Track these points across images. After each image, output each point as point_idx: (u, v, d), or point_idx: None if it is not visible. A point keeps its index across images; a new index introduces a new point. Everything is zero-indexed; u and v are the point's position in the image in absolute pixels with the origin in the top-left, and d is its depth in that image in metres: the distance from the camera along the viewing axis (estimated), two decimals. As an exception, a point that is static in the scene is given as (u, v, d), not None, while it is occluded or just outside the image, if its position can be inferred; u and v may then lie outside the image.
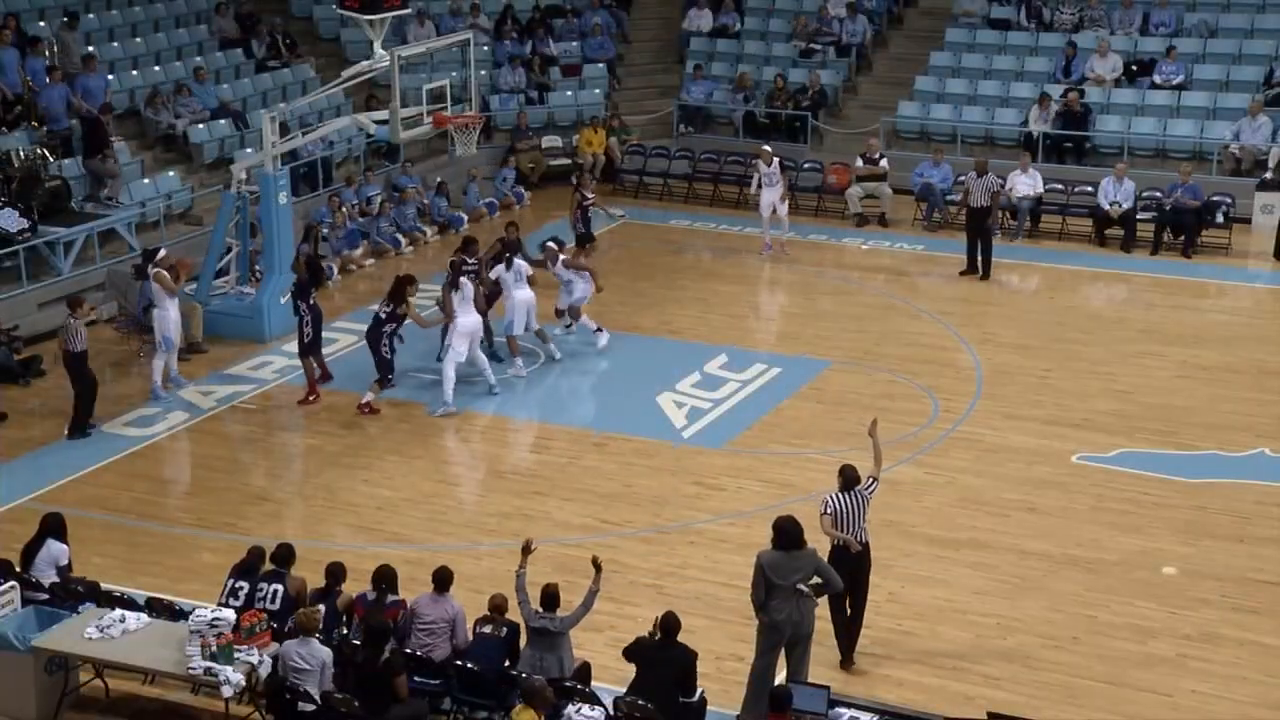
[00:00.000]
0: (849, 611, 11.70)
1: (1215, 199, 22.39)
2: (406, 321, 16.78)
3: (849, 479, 11.61)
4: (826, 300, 20.57)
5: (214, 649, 10.50)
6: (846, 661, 11.72)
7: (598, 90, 27.32)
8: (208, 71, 24.10)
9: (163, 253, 17.55)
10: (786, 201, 22.25)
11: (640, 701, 10.11)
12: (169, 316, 16.98)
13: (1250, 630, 12.29)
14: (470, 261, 17.37)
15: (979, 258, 21.11)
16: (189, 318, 17.91)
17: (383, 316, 16.64)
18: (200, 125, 22.94)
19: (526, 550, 11.16)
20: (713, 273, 21.76)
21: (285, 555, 11.45)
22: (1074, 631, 12.31)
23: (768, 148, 22.45)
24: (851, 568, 11.49)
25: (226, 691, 10.51)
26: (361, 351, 17.86)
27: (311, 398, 17.09)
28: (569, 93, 27.19)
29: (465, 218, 23.87)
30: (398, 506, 14.67)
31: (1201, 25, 25.90)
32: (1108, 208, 22.49)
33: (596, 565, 11.03)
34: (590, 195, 21.44)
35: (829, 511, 11.51)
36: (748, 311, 19.76)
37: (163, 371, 17.13)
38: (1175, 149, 24.21)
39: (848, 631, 11.72)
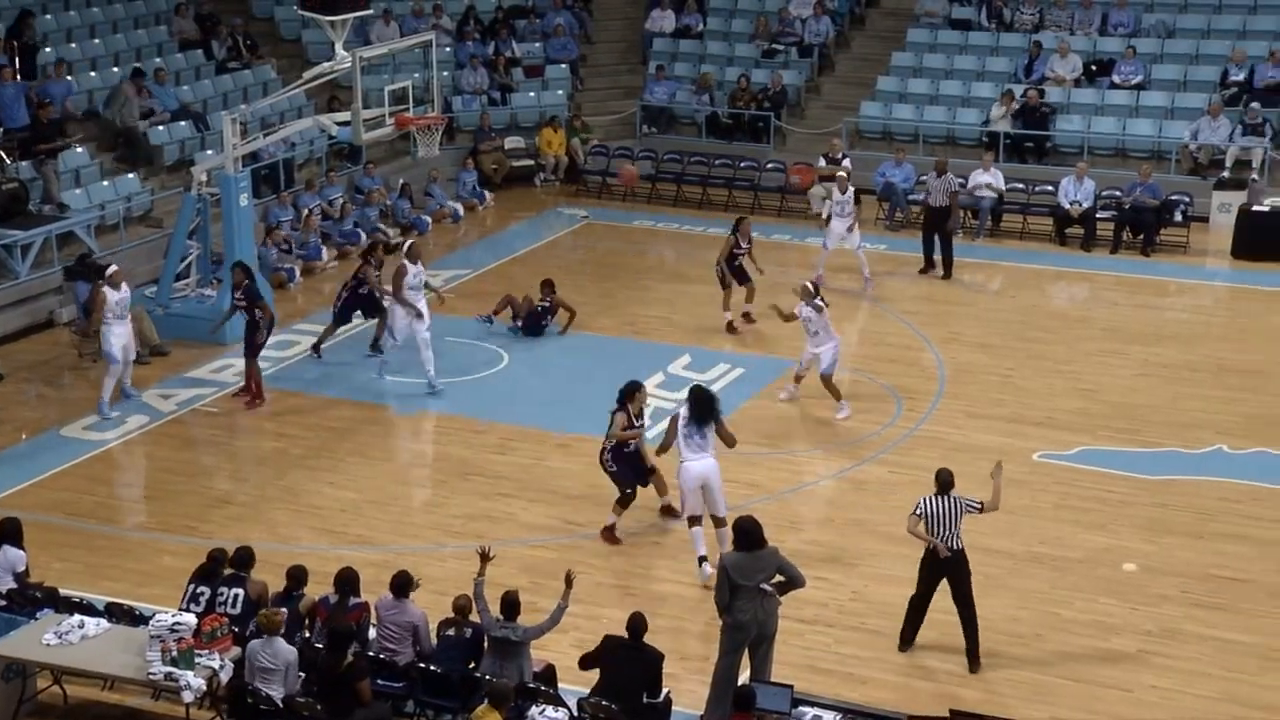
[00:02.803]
0: (961, 621, 11.66)
1: (1174, 198, 22.58)
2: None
3: (944, 483, 11.62)
4: (789, 300, 20.55)
5: (174, 654, 10.41)
6: (974, 666, 11.70)
7: (560, 91, 27.29)
8: (168, 73, 23.92)
9: (113, 269, 16.90)
10: (857, 231, 20.64)
11: (604, 702, 10.10)
12: (110, 331, 16.42)
13: (1211, 626, 12.38)
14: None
15: (940, 257, 21.21)
16: (138, 324, 17.66)
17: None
18: (160, 127, 22.77)
19: (485, 558, 11.08)
20: (677, 273, 21.77)
21: (245, 559, 11.36)
22: (1038, 629, 12.37)
23: (843, 173, 21.27)
24: (945, 573, 11.56)
25: (187, 697, 10.41)
26: (318, 359, 17.90)
27: (258, 401, 16.98)
28: (532, 94, 27.15)
29: (429, 220, 23.81)
30: (362, 509, 14.60)
31: (1159, 25, 26.12)
32: (1068, 207, 22.64)
33: (568, 581, 10.94)
34: (746, 245, 19.17)
35: (919, 512, 11.54)
36: (711, 311, 19.73)
37: (112, 390, 16.62)
38: (1134, 148, 24.40)
39: (967, 638, 11.70)
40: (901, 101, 26.00)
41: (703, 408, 12.95)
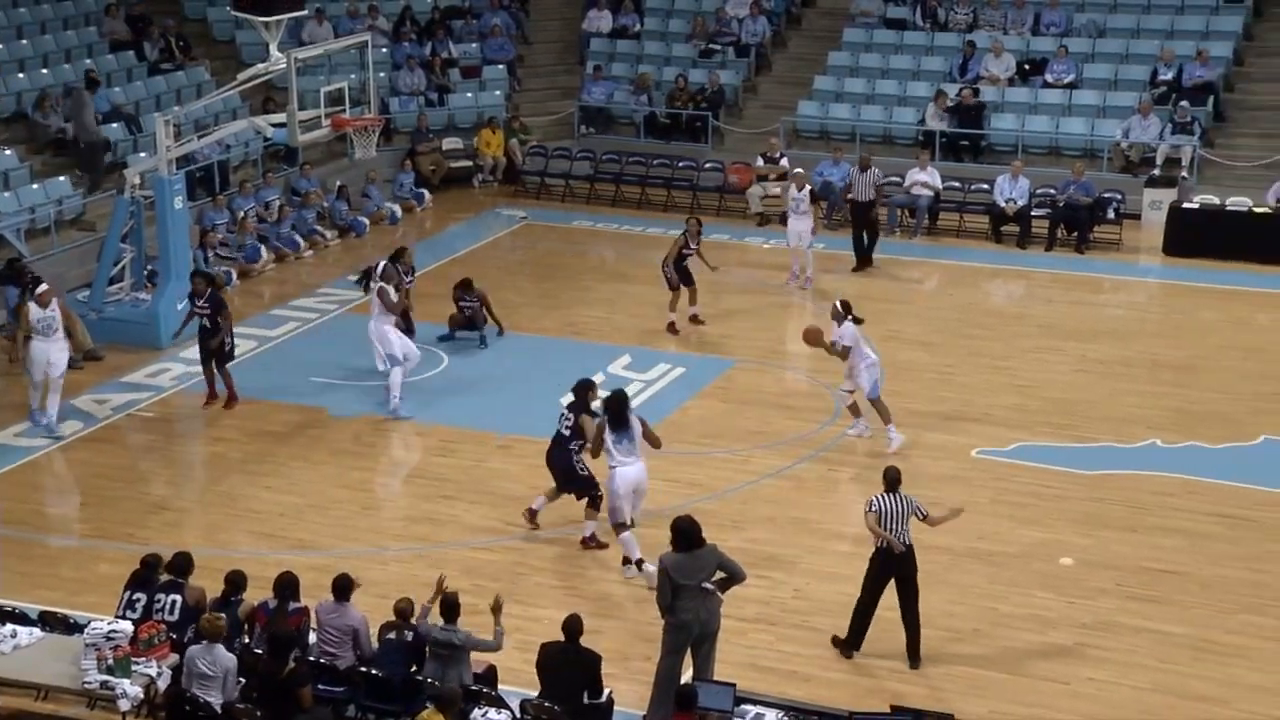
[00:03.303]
0: (902, 614, 11.76)
1: (1106, 195, 22.85)
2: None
3: (892, 480, 11.72)
4: (730, 299, 20.66)
5: (110, 662, 10.30)
6: (914, 662, 11.79)
7: (498, 92, 27.23)
8: (99, 74, 23.61)
9: (43, 287, 16.46)
10: (815, 233, 20.88)
11: (547, 704, 10.09)
12: (30, 347, 15.99)
13: (1146, 618, 12.54)
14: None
15: (866, 248, 21.64)
16: (72, 328, 17.39)
17: (566, 433, 13.66)
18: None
19: (440, 590, 10.83)
20: (617, 273, 21.78)
21: (183, 565, 11.25)
22: (976, 624, 12.48)
23: (800, 170, 21.48)
24: (896, 570, 11.65)
25: (124, 705, 10.31)
26: (257, 361, 17.71)
27: (234, 401, 16.87)
28: (469, 94, 27.07)
29: (367, 222, 23.68)
30: (302, 513, 14.50)
31: (1090, 25, 26.45)
32: (1004, 205, 22.87)
33: (496, 609, 10.69)
34: (695, 246, 19.06)
35: (874, 510, 11.62)
36: (652, 312, 19.77)
37: (39, 400, 16.19)
38: (1067, 146, 24.68)
39: (909, 635, 11.81)
40: (838, 101, 26.15)
41: (619, 412, 12.93)
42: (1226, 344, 18.78)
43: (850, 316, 15.55)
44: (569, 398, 13.96)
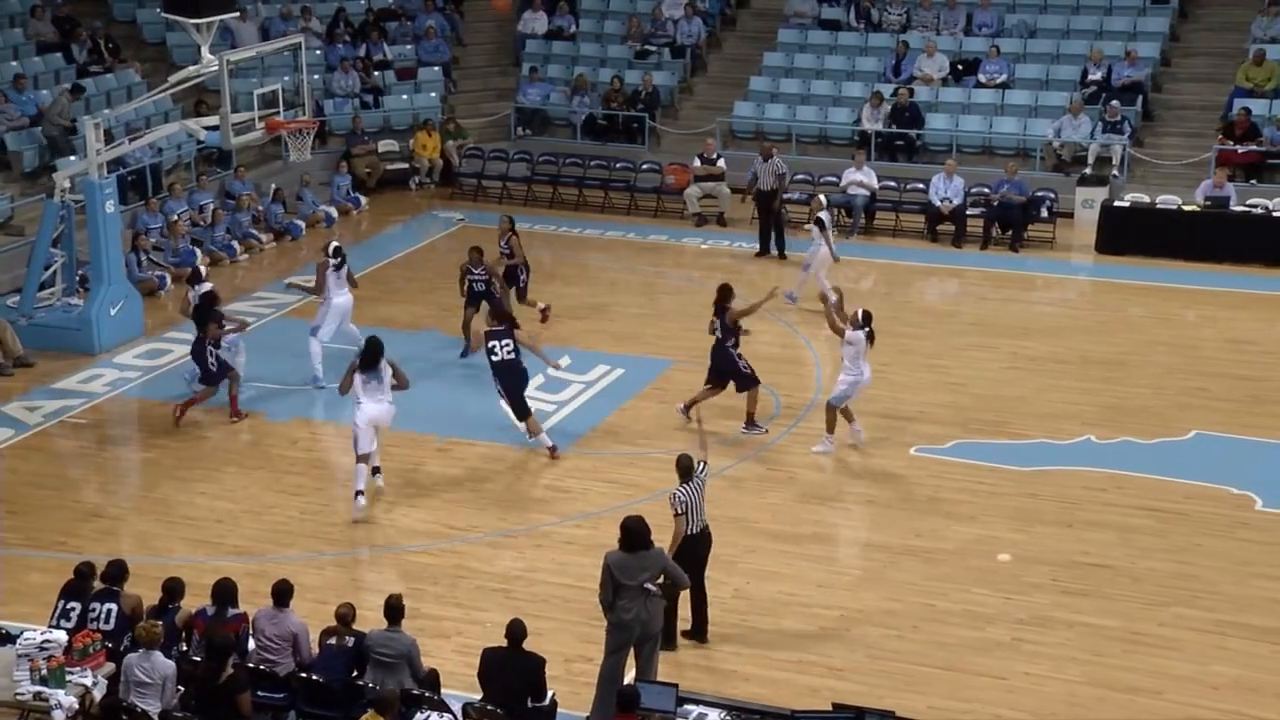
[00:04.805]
0: (698, 592, 11.98)
1: (1039, 194, 23.10)
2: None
3: (686, 469, 11.89)
4: (667, 300, 20.71)
5: (44, 672, 10.17)
6: (704, 637, 12.06)
7: (433, 94, 27.13)
8: (27, 78, 23.25)
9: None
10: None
11: (490, 707, 10.07)
12: None
13: (1079, 612, 12.70)
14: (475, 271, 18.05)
15: (773, 239, 21.98)
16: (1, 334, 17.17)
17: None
18: (18, 132, 22.16)
19: None
20: (554, 275, 21.73)
21: (117, 573, 11.12)
22: (914, 620, 12.58)
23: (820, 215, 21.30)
24: (701, 552, 11.85)
25: (59, 716, 10.16)
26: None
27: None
28: (404, 96, 26.95)
29: (302, 225, 23.51)
30: (238, 519, 14.38)
31: (1021, 25, 26.76)
32: (939, 204, 23.08)
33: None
34: (505, 246, 18.80)
35: (683, 513, 11.70)
36: (590, 313, 19.78)
37: None
38: (1001, 145, 24.95)
39: (701, 611, 12.03)
40: (774, 101, 26.28)
41: (373, 358, 14.34)
42: (1157, 340, 19.04)
43: (866, 329, 15.44)
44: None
